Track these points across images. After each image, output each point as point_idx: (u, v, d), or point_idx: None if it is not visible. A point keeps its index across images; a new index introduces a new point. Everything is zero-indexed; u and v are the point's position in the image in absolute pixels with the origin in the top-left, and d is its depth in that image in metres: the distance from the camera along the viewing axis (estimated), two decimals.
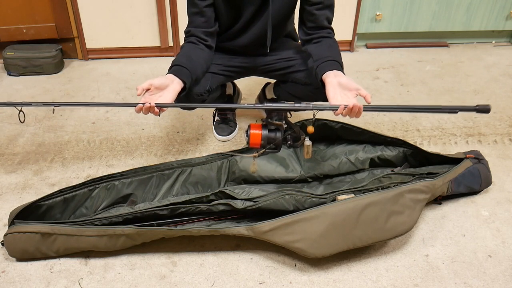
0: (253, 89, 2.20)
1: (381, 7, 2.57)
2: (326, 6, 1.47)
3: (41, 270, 1.28)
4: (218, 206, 1.35)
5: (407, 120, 2.01)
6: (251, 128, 1.28)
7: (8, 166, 1.70)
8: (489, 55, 2.67)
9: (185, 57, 1.45)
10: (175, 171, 1.51)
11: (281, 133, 1.28)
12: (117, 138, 1.87)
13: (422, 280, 1.26)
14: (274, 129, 1.29)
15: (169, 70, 1.39)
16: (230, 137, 1.86)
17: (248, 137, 1.28)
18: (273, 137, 1.28)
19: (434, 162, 1.57)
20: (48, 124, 1.96)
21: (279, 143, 1.29)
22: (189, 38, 1.52)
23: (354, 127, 1.55)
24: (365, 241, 1.26)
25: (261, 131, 1.27)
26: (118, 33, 2.47)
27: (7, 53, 2.33)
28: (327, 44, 1.48)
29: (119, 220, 1.32)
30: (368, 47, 2.73)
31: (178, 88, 1.35)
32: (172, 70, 1.39)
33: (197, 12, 1.48)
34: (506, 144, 1.85)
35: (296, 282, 1.26)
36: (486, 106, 1.24)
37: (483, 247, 1.37)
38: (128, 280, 1.26)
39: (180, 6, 2.39)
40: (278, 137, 1.28)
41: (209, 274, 1.28)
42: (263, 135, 1.27)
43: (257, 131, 1.28)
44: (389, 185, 1.38)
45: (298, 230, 1.23)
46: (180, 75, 1.37)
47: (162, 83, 1.32)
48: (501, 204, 1.53)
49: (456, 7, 2.61)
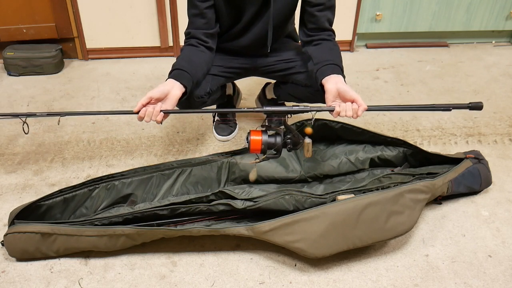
0: (253, 89, 2.20)
1: (381, 7, 2.57)
2: (327, 7, 1.46)
3: (41, 270, 1.28)
4: (218, 206, 1.35)
5: (407, 120, 2.01)
6: (251, 134, 1.30)
7: (8, 166, 1.70)
8: (489, 55, 2.67)
9: (186, 60, 1.44)
10: (175, 171, 1.51)
11: (281, 138, 1.30)
12: (117, 138, 1.87)
13: (422, 280, 1.26)
14: (274, 134, 1.30)
15: (169, 75, 1.39)
16: (230, 137, 1.86)
17: (249, 143, 1.29)
18: (273, 142, 1.30)
19: (434, 162, 1.57)
20: (48, 124, 1.96)
21: (279, 148, 1.30)
22: (189, 40, 1.51)
23: (354, 127, 1.55)
24: (365, 241, 1.26)
25: (261, 137, 1.29)
26: (118, 33, 2.47)
27: (7, 53, 2.33)
28: (327, 47, 1.47)
29: (119, 220, 1.32)
30: (368, 47, 2.73)
31: (179, 93, 1.35)
32: (173, 75, 1.38)
33: (197, 13, 1.47)
34: (506, 144, 1.85)
35: (296, 282, 1.26)
36: (478, 103, 1.31)
37: (483, 247, 1.37)
38: (128, 280, 1.26)
39: (180, 6, 2.39)
40: (278, 142, 1.30)
41: (209, 274, 1.28)
42: (263, 140, 1.29)
43: (257, 137, 1.29)
44: (389, 185, 1.38)
45: (298, 230, 1.23)
46: (180, 79, 1.36)
47: (162, 92, 1.31)
48: (501, 204, 1.53)
49: (456, 7, 2.61)
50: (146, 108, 1.30)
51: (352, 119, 1.33)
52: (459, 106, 1.34)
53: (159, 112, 1.30)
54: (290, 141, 1.31)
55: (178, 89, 1.35)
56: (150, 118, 1.29)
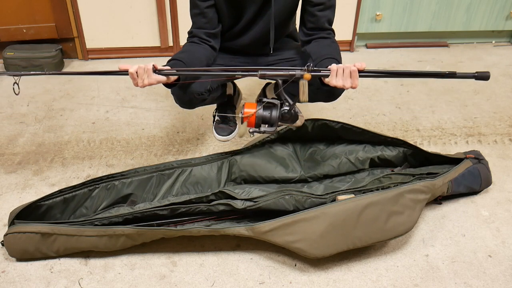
0: (253, 89, 2.20)
1: (381, 7, 2.57)
2: (327, 7, 1.47)
3: (41, 270, 1.28)
4: (218, 206, 1.35)
5: (407, 120, 2.01)
6: (245, 107, 1.26)
7: (8, 166, 1.70)
8: (489, 55, 2.67)
9: (184, 52, 1.45)
10: (175, 171, 1.51)
11: (277, 111, 1.25)
12: (117, 138, 1.87)
13: (422, 280, 1.26)
14: (270, 106, 1.25)
15: (166, 64, 1.39)
16: (230, 137, 1.86)
17: (242, 115, 1.25)
18: (269, 115, 1.25)
19: (434, 162, 1.57)
20: (48, 124, 1.96)
21: (274, 121, 1.25)
22: (192, 39, 1.52)
23: (354, 127, 1.55)
24: (365, 241, 1.26)
25: (255, 110, 1.24)
26: (118, 33, 2.47)
27: (7, 53, 2.33)
28: (326, 44, 1.48)
29: (119, 220, 1.32)
30: (368, 47, 2.73)
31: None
32: (169, 64, 1.38)
33: (199, 13, 1.48)
34: (506, 144, 1.85)
35: (296, 282, 1.26)
36: (486, 73, 1.25)
37: (483, 247, 1.37)
38: (128, 280, 1.26)
39: (180, 6, 2.39)
40: (273, 115, 1.25)
41: (209, 274, 1.28)
42: (258, 114, 1.24)
43: (251, 110, 1.25)
44: (389, 185, 1.38)
45: (298, 230, 1.23)
46: (175, 67, 1.36)
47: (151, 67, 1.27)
48: (501, 204, 1.53)
49: (456, 7, 2.61)
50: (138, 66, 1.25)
51: (352, 119, 1.33)
52: (465, 75, 1.27)
53: (150, 68, 1.24)
54: (287, 113, 1.25)
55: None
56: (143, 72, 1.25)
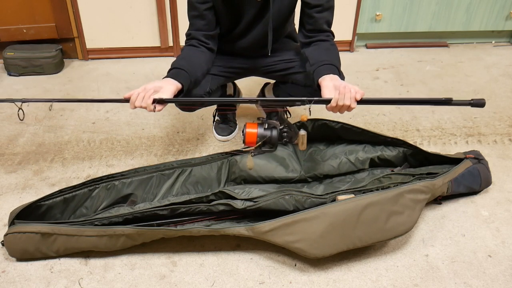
0: (253, 89, 2.20)
1: (381, 7, 2.57)
2: (325, 8, 1.46)
3: (41, 270, 1.28)
4: (218, 206, 1.35)
5: (407, 120, 2.01)
6: (247, 127, 1.31)
7: (8, 166, 1.70)
8: (489, 55, 2.67)
9: (184, 59, 1.44)
10: (175, 171, 1.51)
11: (277, 131, 1.30)
12: (117, 138, 1.87)
13: (422, 280, 1.26)
14: (270, 127, 1.30)
15: (167, 73, 1.39)
16: (230, 137, 1.86)
17: (244, 135, 1.30)
18: (269, 135, 1.30)
19: (434, 162, 1.57)
20: (48, 124, 1.96)
21: (275, 141, 1.30)
22: (190, 41, 1.51)
23: (354, 127, 1.55)
24: (365, 241, 1.26)
25: (256, 130, 1.30)
26: (118, 33, 2.47)
27: (7, 53, 2.33)
28: (324, 47, 1.47)
29: (119, 220, 1.32)
30: (368, 47, 2.73)
31: (173, 88, 1.33)
32: (170, 73, 1.38)
33: (197, 15, 1.48)
34: (506, 144, 1.85)
35: (296, 282, 1.26)
36: (481, 100, 1.25)
37: (483, 247, 1.37)
38: (128, 280, 1.26)
39: (180, 6, 2.39)
40: (273, 135, 1.30)
41: (209, 274, 1.28)
42: (259, 133, 1.30)
43: (252, 130, 1.30)
44: (389, 185, 1.38)
45: (298, 230, 1.23)
46: (177, 77, 1.36)
47: (156, 86, 1.31)
48: (501, 204, 1.53)
49: (456, 7, 2.61)
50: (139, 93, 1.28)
51: (352, 119, 1.33)
52: (460, 103, 1.27)
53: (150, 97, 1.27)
54: (286, 134, 1.32)
55: (173, 84, 1.34)
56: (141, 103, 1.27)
